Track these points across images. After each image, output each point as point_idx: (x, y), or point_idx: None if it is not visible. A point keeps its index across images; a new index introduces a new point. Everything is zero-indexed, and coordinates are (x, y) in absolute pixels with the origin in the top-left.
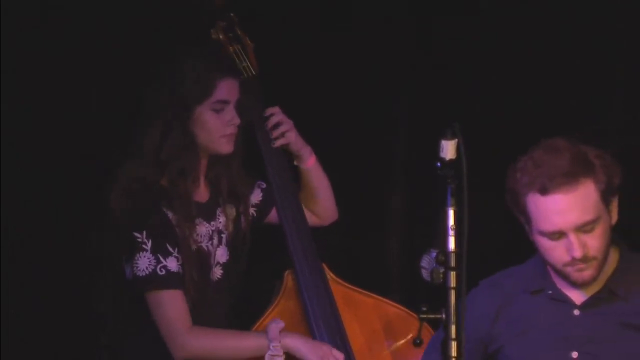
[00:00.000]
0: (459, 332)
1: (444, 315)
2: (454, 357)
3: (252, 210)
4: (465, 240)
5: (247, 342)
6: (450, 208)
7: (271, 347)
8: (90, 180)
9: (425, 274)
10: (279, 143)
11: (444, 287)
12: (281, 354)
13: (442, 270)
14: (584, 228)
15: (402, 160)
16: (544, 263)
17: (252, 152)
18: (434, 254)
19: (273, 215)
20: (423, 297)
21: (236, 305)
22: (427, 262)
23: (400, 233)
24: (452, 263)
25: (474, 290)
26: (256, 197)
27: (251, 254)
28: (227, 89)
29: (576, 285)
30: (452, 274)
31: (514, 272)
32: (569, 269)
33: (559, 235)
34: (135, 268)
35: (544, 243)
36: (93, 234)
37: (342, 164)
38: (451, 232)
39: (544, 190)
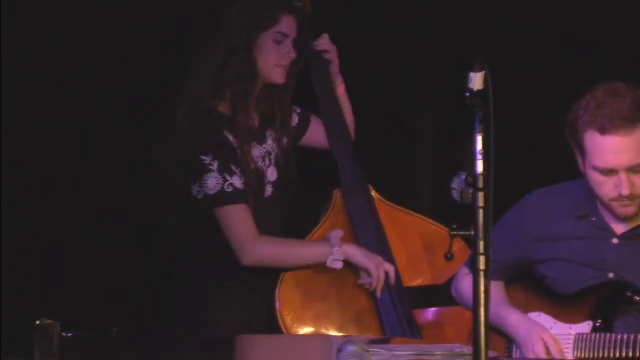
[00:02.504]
0: (487, 248)
1: (472, 232)
2: (482, 270)
3: (286, 139)
4: (492, 163)
5: (310, 248)
6: (478, 134)
7: (333, 252)
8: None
9: (455, 194)
10: (331, 61)
11: (473, 207)
12: (342, 259)
13: (470, 191)
14: (634, 169)
15: (430, 88)
16: (591, 190)
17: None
18: (463, 177)
19: (309, 138)
20: (453, 216)
21: (288, 222)
22: (457, 183)
23: (431, 158)
24: (480, 184)
25: (526, 199)
26: (293, 120)
27: (300, 176)
28: (288, 24)
29: (619, 218)
30: (480, 195)
31: (563, 189)
32: (614, 204)
33: (610, 172)
34: (204, 187)
35: (595, 177)
36: (157, 157)
37: (372, 90)
38: (479, 156)
39: (603, 130)
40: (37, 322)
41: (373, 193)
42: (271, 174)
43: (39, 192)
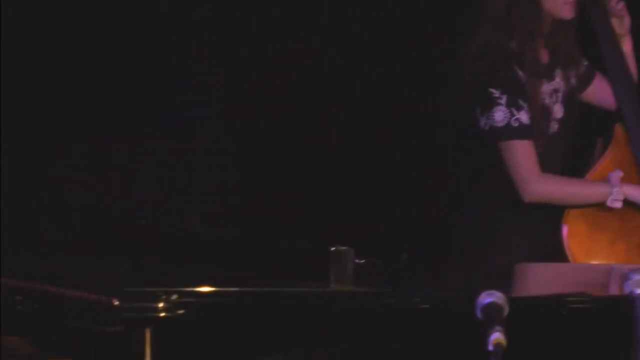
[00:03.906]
0: None
1: None
2: None
3: (575, 80)
4: None
5: (591, 188)
6: None
7: (613, 193)
8: None
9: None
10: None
11: None
12: (621, 199)
13: None
14: None
15: None
16: None
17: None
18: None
19: (591, 93)
20: None
21: (567, 158)
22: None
23: None
24: None
25: None
26: (580, 68)
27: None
28: None
29: None
30: None
31: None
32: None
33: None
34: (491, 120)
35: None
36: (447, 88)
37: None
38: None
39: None
40: (333, 249)
41: None
42: (557, 111)
43: None
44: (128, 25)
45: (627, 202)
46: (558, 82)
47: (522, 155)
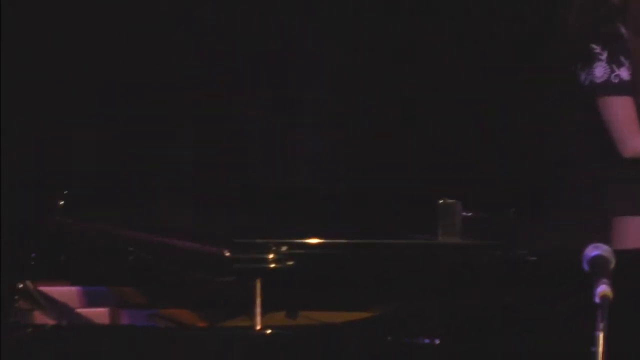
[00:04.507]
0: None
1: None
2: None
3: None
4: None
5: None
6: None
7: None
8: None
9: None
10: None
11: None
12: None
13: None
14: None
15: None
16: None
17: None
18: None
19: None
20: None
21: None
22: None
23: None
24: None
25: None
26: None
27: None
28: None
29: None
30: None
31: None
32: None
33: None
34: (591, 76)
35: None
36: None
37: None
38: None
39: None
40: (441, 201)
41: None
42: None
43: None
44: None
45: None
46: None
47: (620, 112)
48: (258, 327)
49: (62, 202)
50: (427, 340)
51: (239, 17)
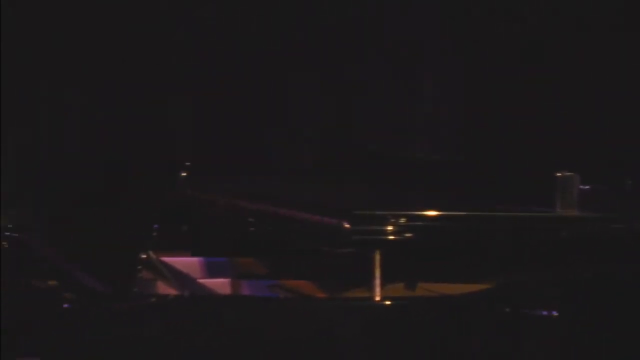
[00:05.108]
0: None
1: None
2: None
3: None
4: None
5: None
6: None
7: None
8: None
9: None
10: None
11: None
12: None
13: None
14: None
15: None
16: None
17: None
18: None
19: None
20: None
21: None
22: None
23: None
24: None
25: None
26: None
27: None
28: None
29: None
30: None
31: None
32: None
33: None
34: None
35: None
36: None
37: None
38: None
39: None
40: (559, 174)
41: None
42: None
43: None
44: None
45: None
46: None
47: None
48: (377, 298)
49: (184, 174)
50: (544, 312)
51: None
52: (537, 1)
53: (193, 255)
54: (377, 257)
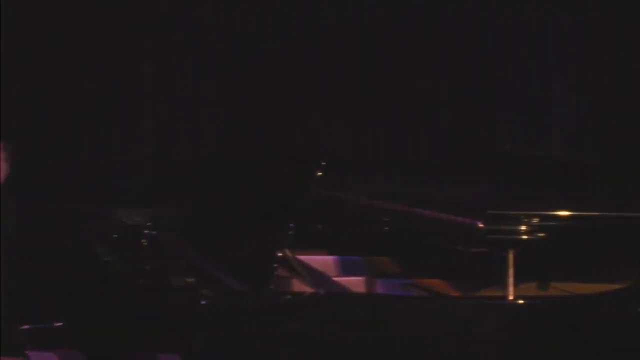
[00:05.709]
0: None
1: None
2: None
3: None
4: None
5: None
6: None
7: None
8: None
9: None
10: None
11: None
12: None
13: None
14: None
15: None
16: None
17: None
18: None
19: None
20: None
21: None
22: None
23: None
24: None
25: None
26: None
27: None
28: None
29: None
30: None
31: None
32: None
33: None
34: None
35: None
36: None
37: None
38: None
39: None
40: None
41: None
42: None
43: None
44: None
45: None
46: None
47: None
48: (511, 298)
49: (320, 174)
50: None
51: None
52: None
53: (329, 253)
54: (511, 256)
